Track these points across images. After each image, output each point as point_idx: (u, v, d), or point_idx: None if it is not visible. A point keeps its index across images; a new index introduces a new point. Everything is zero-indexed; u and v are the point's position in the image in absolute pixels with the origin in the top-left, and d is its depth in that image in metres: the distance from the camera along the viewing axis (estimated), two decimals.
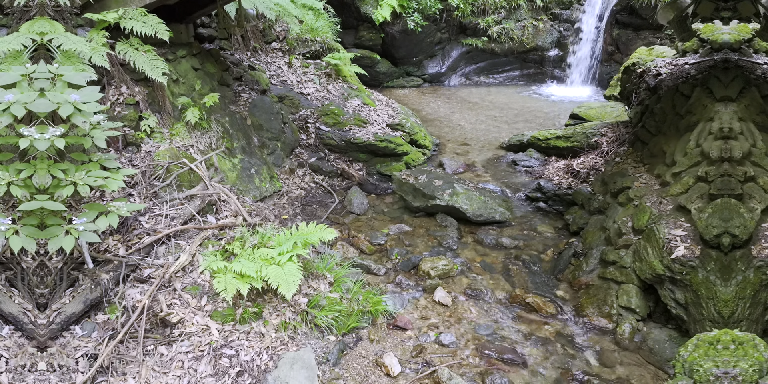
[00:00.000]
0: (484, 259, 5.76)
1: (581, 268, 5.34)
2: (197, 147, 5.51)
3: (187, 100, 5.60)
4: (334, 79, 8.43)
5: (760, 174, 4.51)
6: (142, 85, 5.24)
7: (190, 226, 4.55)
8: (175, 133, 5.39)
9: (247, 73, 7.08)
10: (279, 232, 4.50)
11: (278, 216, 5.86)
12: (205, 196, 4.97)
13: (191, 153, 5.42)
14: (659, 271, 4.35)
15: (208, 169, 5.32)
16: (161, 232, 4.33)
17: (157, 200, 4.67)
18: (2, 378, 3.13)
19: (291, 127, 7.27)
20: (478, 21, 13.36)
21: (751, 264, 3.97)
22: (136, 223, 4.38)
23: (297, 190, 6.70)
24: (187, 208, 4.71)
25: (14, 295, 3.48)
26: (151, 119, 5.10)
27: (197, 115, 5.46)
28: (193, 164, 5.04)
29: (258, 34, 8.09)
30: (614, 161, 5.98)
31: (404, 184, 6.45)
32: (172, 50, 5.87)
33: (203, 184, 5.06)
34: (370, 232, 6.12)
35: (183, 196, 4.83)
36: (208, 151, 5.66)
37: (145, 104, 5.16)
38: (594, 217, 5.87)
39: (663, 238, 4.40)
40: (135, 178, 4.73)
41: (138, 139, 5.00)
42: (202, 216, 4.96)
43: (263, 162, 6.46)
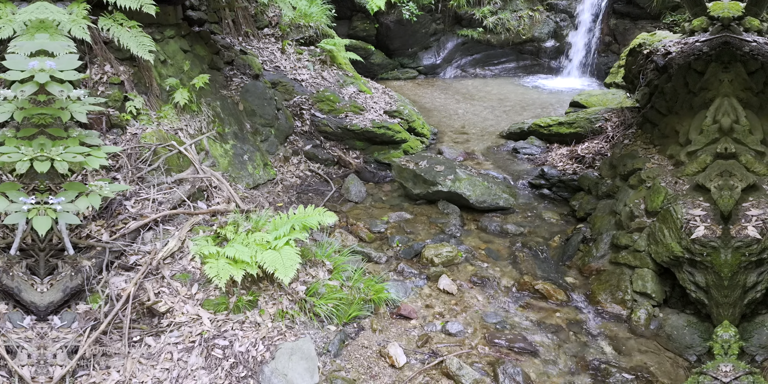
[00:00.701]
0: (489, 246, 5.52)
1: (591, 253, 5.11)
2: (186, 131, 5.22)
3: (175, 82, 5.31)
4: (329, 66, 8.15)
5: (743, 151, 4.33)
6: (127, 65, 4.95)
7: (179, 210, 4.27)
8: (163, 115, 5.10)
9: (238, 57, 6.79)
10: (275, 217, 4.22)
11: (273, 204, 5.59)
12: (195, 180, 4.68)
13: (180, 137, 5.13)
14: (677, 253, 4.12)
15: (199, 153, 5.04)
16: (148, 216, 4.05)
17: (143, 184, 4.38)
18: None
19: (285, 113, 6.99)
20: (474, 11, 13.13)
21: (729, 245, 3.78)
22: (121, 208, 4.09)
23: (292, 178, 6.43)
24: (176, 193, 4.42)
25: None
26: (137, 100, 4.81)
27: (186, 97, 5.17)
28: (182, 147, 4.75)
29: (250, 19, 7.80)
30: (623, 144, 5.76)
31: (404, 170, 6.19)
32: (160, 30, 5.57)
33: (193, 168, 4.78)
34: (369, 220, 5.86)
35: (171, 180, 4.54)
36: (198, 135, 5.37)
37: (130, 84, 4.86)
38: (602, 202, 5.64)
39: (681, 219, 4.17)
40: (120, 162, 4.44)
41: (123, 120, 4.71)
42: (192, 202, 4.68)
43: (256, 149, 6.18)
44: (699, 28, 6.09)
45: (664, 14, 12.48)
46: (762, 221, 4.06)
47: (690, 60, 5.19)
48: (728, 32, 5.64)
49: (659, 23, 12.63)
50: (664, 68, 5.58)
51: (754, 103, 4.70)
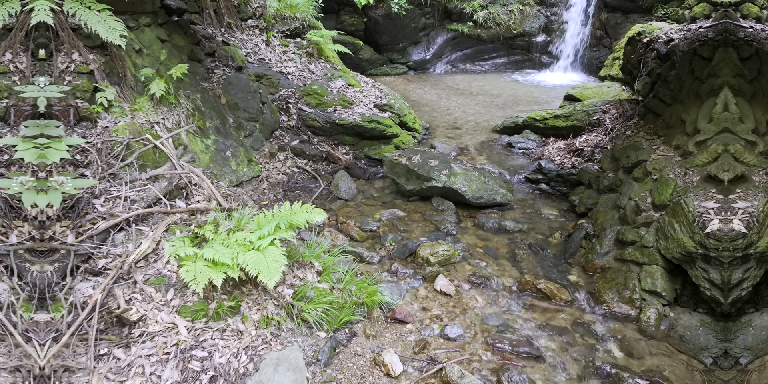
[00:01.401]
0: (487, 244, 5.24)
1: (594, 250, 4.85)
2: (164, 124, 4.88)
3: (151, 72, 4.96)
4: (316, 59, 7.83)
5: (731, 141, 4.10)
6: (97, 53, 4.60)
7: (154, 209, 3.93)
8: (138, 107, 4.75)
9: (220, 49, 6.45)
10: (259, 215, 3.90)
11: (257, 202, 5.26)
12: (173, 176, 4.34)
13: (157, 130, 4.78)
14: (690, 249, 3.87)
15: (177, 148, 4.70)
16: (119, 216, 3.71)
17: (115, 181, 4.03)
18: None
19: (270, 107, 6.66)
20: (464, 5, 12.89)
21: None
22: (89, 207, 3.74)
23: (278, 175, 6.10)
24: (152, 190, 4.08)
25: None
26: (108, 91, 4.46)
27: (163, 88, 4.83)
28: (158, 141, 4.41)
29: (233, 10, 7.44)
30: (624, 135, 5.51)
31: (396, 165, 5.89)
32: (134, 18, 5.22)
33: (170, 163, 4.44)
34: (360, 218, 5.55)
35: (146, 176, 4.20)
36: (176, 128, 5.03)
37: (101, 74, 4.51)
38: (604, 196, 5.39)
39: (693, 212, 3.92)
40: (90, 157, 4.09)
41: (93, 113, 4.36)
42: (169, 200, 4.34)
43: (240, 144, 5.84)
44: (701, 14, 5.86)
45: (655, 7, 12.32)
46: (749, 214, 3.83)
47: (695, 46, 4.95)
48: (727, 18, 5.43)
49: (651, 16, 12.48)
50: (667, 56, 5.34)
51: (746, 90, 4.50)
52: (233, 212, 4.46)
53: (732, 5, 5.28)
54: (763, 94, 4.61)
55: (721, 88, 4.33)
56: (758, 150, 4.31)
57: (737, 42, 4.81)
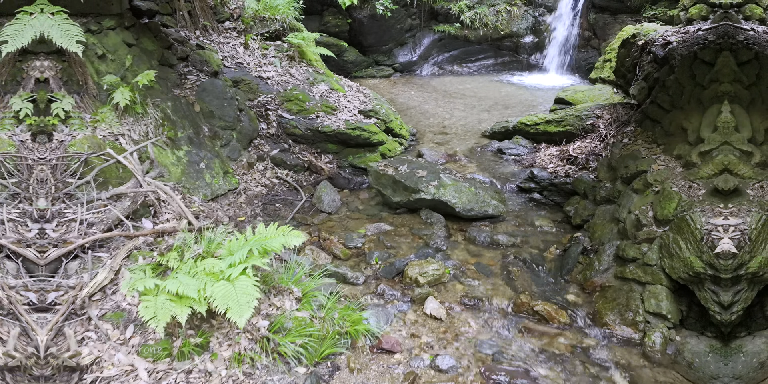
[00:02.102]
0: (479, 260, 4.94)
1: (593, 266, 4.57)
2: (129, 136, 4.50)
3: (115, 79, 4.58)
4: (298, 62, 7.48)
5: (725, 151, 3.89)
6: (53, 60, 4.21)
7: (115, 233, 3.56)
8: (100, 119, 4.37)
9: (194, 53, 6.07)
10: (231, 238, 3.55)
11: (233, 218, 4.90)
12: (137, 195, 3.97)
13: (122, 143, 4.41)
14: (698, 270, 3.60)
15: (142, 162, 4.33)
16: (73, 242, 3.34)
17: (71, 202, 3.66)
18: None
19: (248, 114, 6.29)
20: (450, 6, 12.61)
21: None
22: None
23: (257, 187, 5.74)
24: (112, 212, 3.71)
25: None
26: (65, 101, 4.08)
27: (128, 97, 4.45)
28: (121, 156, 4.04)
29: (208, 11, 7.07)
30: (622, 143, 5.25)
31: (382, 176, 5.57)
32: (97, 20, 4.84)
33: (135, 180, 4.07)
34: (344, 233, 5.22)
35: (107, 195, 3.83)
36: (144, 140, 4.65)
37: (57, 82, 4.13)
38: (601, 208, 5.12)
39: (700, 229, 3.65)
40: (42, 175, 3.70)
41: (48, 125, 3.97)
42: (133, 220, 3.97)
43: (215, 155, 5.48)
44: (698, 16, 5.62)
45: (644, 8, 12.16)
46: (740, 232, 3.58)
47: (695, 50, 4.70)
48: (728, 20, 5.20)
49: (640, 17, 12.31)
50: (665, 59, 5.09)
51: (743, 97, 4.26)
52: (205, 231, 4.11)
53: (733, 6, 5.05)
54: (762, 100, 4.38)
55: (726, 95, 4.07)
56: (754, 160, 4.08)
57: (735, 45, 4.59)
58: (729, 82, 4.34)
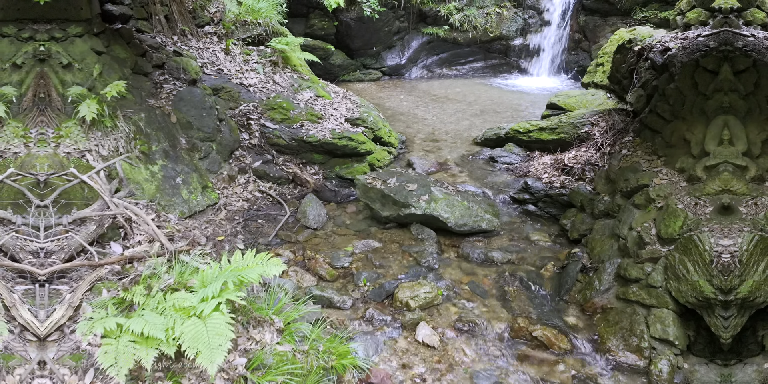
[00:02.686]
0: (473, 279, 4.68)
1: (593, 286, 4.34)
2: (97, 152, 4.19)
3: (81, 90, 4.27)
4: (282, 68, 7.18)
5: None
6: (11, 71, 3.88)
7: (76, 263, 3.25)
8: (65, 134, 4.05)
9: (171, 60, 5.76)
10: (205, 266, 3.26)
11: (212, 237, 4.60)
12: (104, 218, 3.66)
13: (89, 160, 4.09)
14: (708, 295, 3.37)
15: (111, 181, 4.01)
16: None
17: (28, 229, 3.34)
18: None
19: (229, 124, 5.99)
20: (439, 8, 12.39)
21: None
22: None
23: (238, 202, 5.44)
24: (75, 238, 3.40)
25: None
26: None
27: (95, 109, 4.14)
28: (86, 175, 3.72)
29: (187, 15, 6.76)
30: (620, 154, 5.02)
31: (370, 189, 5.30)
32: (63, 26, 4.51)
33: (102, 201, 3.75)
34: (330, 251, 4.93)
35: (69, 220, 3.51)
36: (114, 156, 4.33)
37: None
38: (600, 222, 4.89)
39: (710, 251, 3.42)
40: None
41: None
42: (100, 245, 3.66)
43: (193, 168, 5.17)
44: (696, 21, 5.41)
45: (634, 10, 12.05)
46: (730, 254, 3.38)
47: (696, 57, 4.48)
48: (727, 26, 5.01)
49: (630, 19, 12.18)
50: (664, 67, 4.87)
51: (739, 107, 4.07)
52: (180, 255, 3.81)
53: (733, 11, 4.85)
54: (760, 110, 4.18)
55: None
56: (749, 175, 3.88)
57: (732, 53, 4.39)
58: (725, 91, 4.15)
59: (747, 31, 4.90)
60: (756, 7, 5.12)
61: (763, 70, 4.25)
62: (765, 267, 3.41)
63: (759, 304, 3.45)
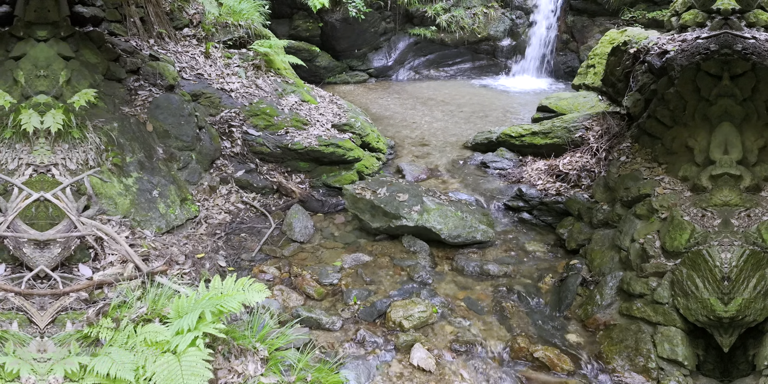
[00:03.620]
0: (469, 294, 4.46)
1: (594, 301, 4.14)
2: (64, 166, 3.88)
3: (46, 99, 3.95)
4: (265, 72, 6.90)
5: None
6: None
7: (35, 291, 2.95)
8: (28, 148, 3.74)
9: (146, 65, 5.45)
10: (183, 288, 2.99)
11: (191, 255, 4.31)
12: (70, 240, 3.37)
13: (54, 175, 3.79)
14: (720, 314, 3.18)
15: (78, 199, 3.72)
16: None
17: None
18: None
19: (209, 132, 5.70)
20: (426, 9, 12.18)
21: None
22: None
23: (220, 215, 5.15)
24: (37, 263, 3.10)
25: None
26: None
27: (60, 120, 3.84)
28: (50, 193, 3.42)
29: (164, 17, 6.45)
30: (619, 161, 4.84)
31: (359, 200, 5.05)
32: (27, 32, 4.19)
33: (68, 221, 3.46)
34: (318, 266, 4.68)
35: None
36: (83, 170, 4.03)
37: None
38: (599, 232, 4.70)
39: (720, 267, 3.23)
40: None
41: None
42: (66, 269, 3.37)
43: (171, 180, 4.88)
44: (692, 22, 5.25)
45: (622, 11, 11.96)
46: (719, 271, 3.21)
47: (696, 60, 4.31)
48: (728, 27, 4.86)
49: (618, 19, 12.10)
50: (663, 70, 4.70)
51: (735, 113, 3.91)
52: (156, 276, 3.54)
53: (735, 12, 4.70)
54: (758, 116, 4.02)
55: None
56: (744, 185, 3.72)
57: (730, 56, 4.23)
58: (717, 95, 4.00)
59: (748, 32, 4.75)
60: (760, 7, 4.98)
61: (762, 74, 4.09)
62: (756, 283, 3.25)
63: (749, 322, 3.29)
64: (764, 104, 4.06)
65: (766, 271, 3.26)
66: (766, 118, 4.02)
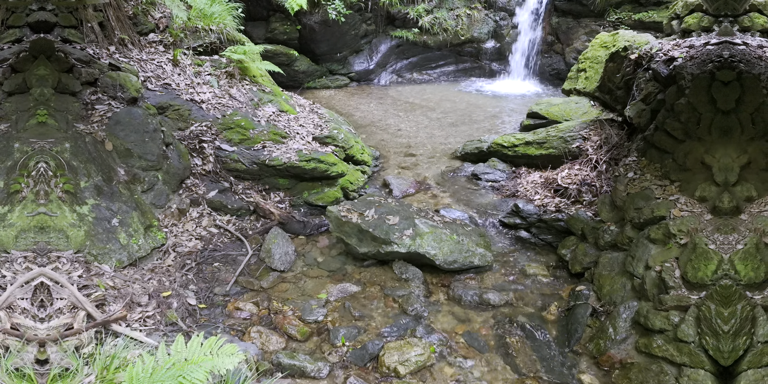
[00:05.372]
0: (469, 328, 4.05)
1: (607, 334, 3.76)
2: None
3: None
4: (239, 80, 6.39)
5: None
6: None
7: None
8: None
9: (105, 75, 4.91)
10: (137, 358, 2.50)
11: (156, 293, 3.80)
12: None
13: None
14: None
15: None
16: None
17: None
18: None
19: (178, 149, 5.18)
20: (408, 10, 11.77)
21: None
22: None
23: (190, 241, 4.65)
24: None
25: None
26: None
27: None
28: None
29: (126, 22, 5.90)
30: (626, 178, 4.47)
31: (345, 224, 4.60)
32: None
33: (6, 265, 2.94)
34: (300, 300, 4.21)
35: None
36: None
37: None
38: (607, 255, 4.33)
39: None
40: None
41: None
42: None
43: (134, 205, 4.36)
44: (697, 26, 4.92)
45: (608, 12, 11.72)
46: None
47: (709, 68, 3.96)
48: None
49: (603, 21, 11.86)
50: (670, 78, 4.35)
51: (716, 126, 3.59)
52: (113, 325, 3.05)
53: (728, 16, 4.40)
54: (742, 130, 3.70)
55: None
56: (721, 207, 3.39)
57: (717, 64, 3.93)
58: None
59: (740, 38, 4.46)
60: (757, 10, 4.68)
61: (749, 84, 3.77)
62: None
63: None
64: (749, 117, 3.76)
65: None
66: (751, 131, 3.71)
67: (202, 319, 3.81)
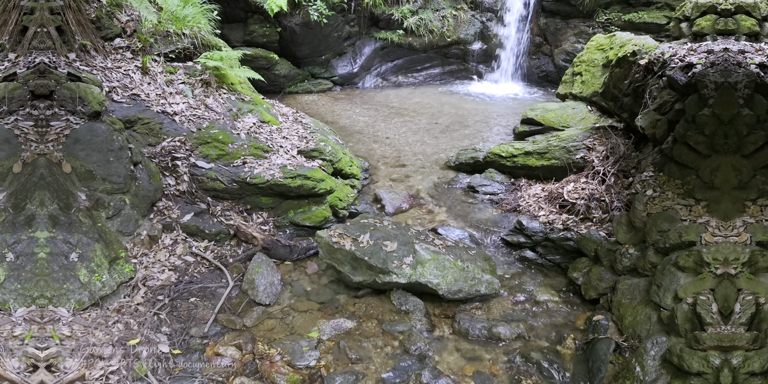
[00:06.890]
0: (478, 367, 3.62)
1: (633, 374, 3.37)
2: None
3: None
4: (216, 89, 5.88)
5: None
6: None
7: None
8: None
9: (63, 87, 4.37)
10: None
11: (122, 341, 3.29)
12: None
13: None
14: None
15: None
16: None
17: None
18: None
19: (148, 168, 4.66)
20: (392, 11, 11.36)
21: None
22: None
23: (163, 273, 4.14)
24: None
25: None
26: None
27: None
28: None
29: (88, 26, 5.34)
30: (646, 196, 4.09)
31: (337, 251, 4.13)
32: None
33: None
34: (289, 340, 3.73)
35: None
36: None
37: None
38: (626, 281, 3.94)
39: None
40: None
41: None
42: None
43: (96, 236, 3.83)
44: (710, 30, 4.58)
45: (596, 12, 11.45)
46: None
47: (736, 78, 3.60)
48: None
49: (592, 22, 11.59)
50: (690, 87, 3.99)
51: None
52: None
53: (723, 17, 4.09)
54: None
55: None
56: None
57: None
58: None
59: (719, 43, 4.16)
60: (745, 12, 4.37)
61: (723, 97, 3.44)
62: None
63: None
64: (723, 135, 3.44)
65: None
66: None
67: (177, 370, 3.32)
